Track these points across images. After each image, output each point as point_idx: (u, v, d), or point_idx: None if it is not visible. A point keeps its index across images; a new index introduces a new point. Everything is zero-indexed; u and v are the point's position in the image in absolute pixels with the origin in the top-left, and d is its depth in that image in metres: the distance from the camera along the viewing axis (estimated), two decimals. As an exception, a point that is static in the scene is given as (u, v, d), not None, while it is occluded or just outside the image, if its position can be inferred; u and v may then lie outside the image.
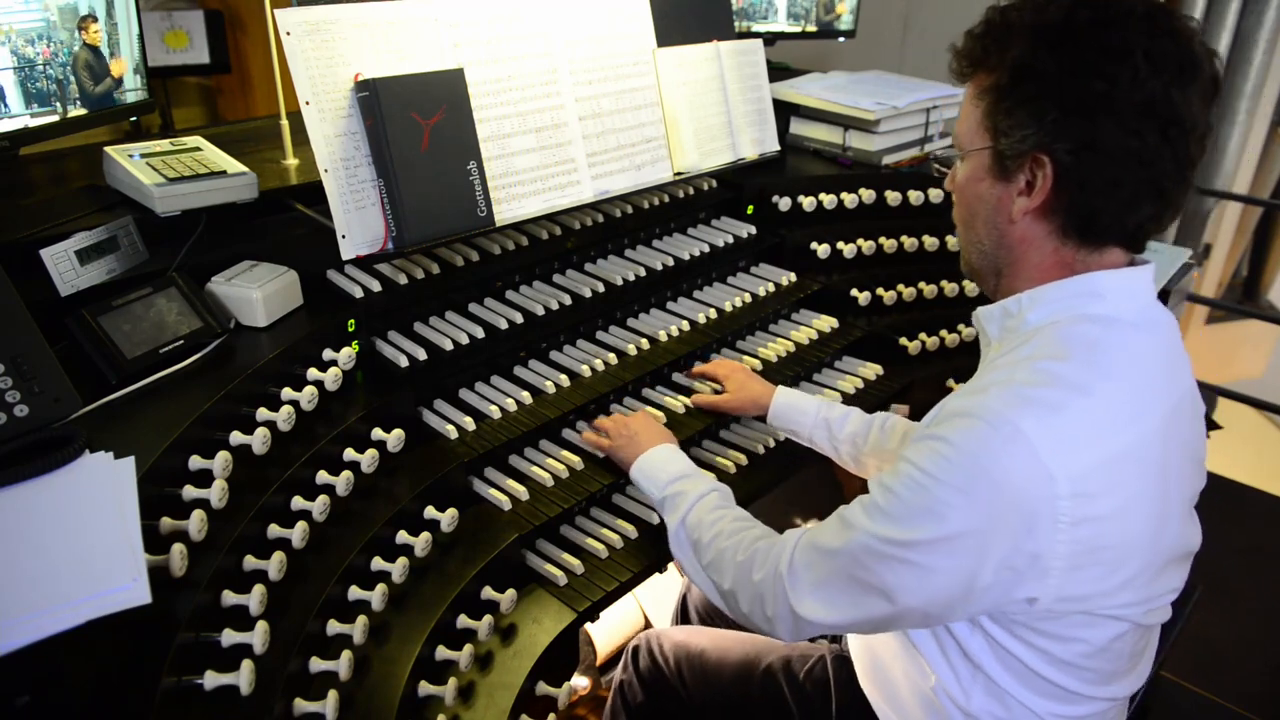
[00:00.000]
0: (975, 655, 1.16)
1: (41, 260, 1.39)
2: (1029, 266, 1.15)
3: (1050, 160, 1.07)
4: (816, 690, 1.46)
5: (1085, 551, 1.02)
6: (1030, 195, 1.10)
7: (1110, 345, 1.07)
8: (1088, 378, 1.03)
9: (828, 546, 1.13)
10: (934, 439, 1.04)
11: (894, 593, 1.07)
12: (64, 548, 0.98)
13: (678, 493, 1.41)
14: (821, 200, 2.25)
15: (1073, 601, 1.06)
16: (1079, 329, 1.08)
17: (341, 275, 1.65)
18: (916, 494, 1.03)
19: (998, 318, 1.18)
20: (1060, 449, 0.99)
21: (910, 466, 1.05)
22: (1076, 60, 1.04)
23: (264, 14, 1.74)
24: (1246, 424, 4.20)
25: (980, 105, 1.13)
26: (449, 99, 1.61)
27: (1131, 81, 1.01)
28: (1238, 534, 3.03)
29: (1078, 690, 1.15)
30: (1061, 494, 0.99)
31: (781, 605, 1.17)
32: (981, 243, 1.19)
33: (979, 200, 1.17)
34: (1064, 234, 1.11)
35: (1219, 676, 2.38)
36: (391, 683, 1.23)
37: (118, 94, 1.90)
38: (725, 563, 1.28)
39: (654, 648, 1.65)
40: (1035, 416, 1.00)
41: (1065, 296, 1.11)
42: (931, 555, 1.03)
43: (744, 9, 3.11)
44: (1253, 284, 4.62)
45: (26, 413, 1.15)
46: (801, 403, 1.68)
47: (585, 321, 1.88)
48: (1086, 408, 1.02)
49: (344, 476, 1.38)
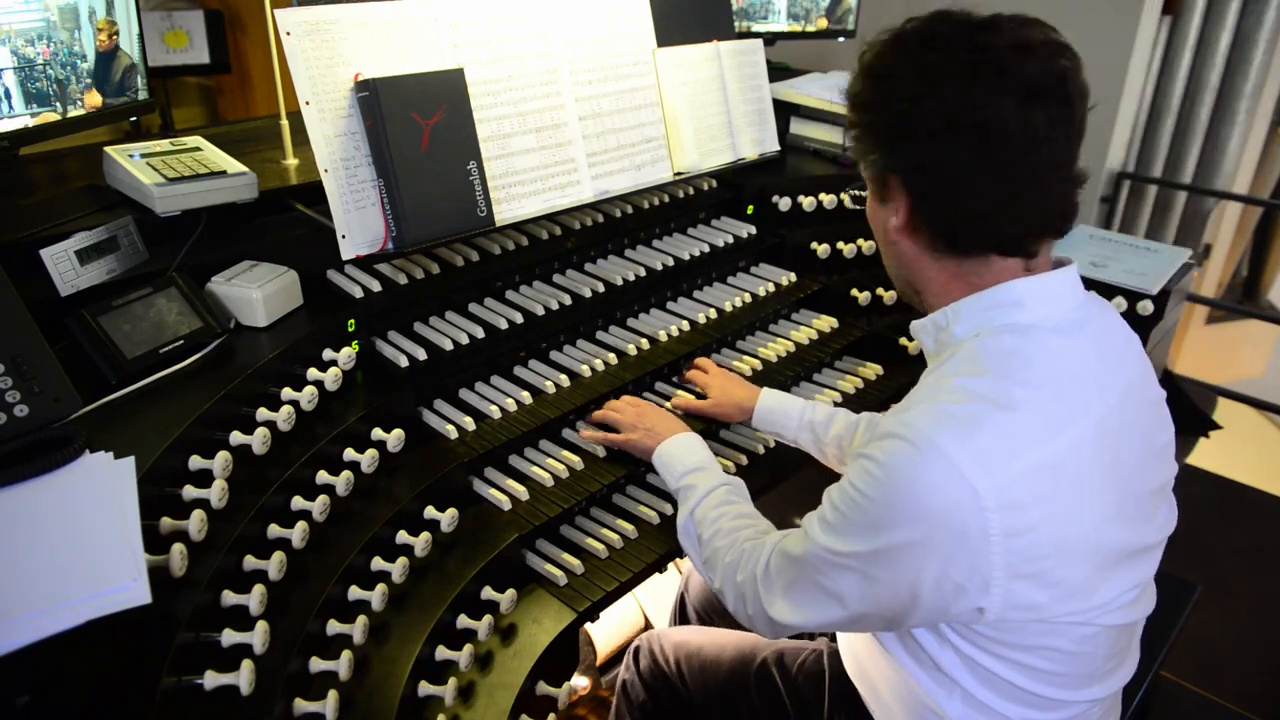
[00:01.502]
0: (948, 669, 1.17)
1: (41, 260, 1.39)
2: (931, 283, 1.18)
3: (897, 180, 1.11)
4: (809, 682, 1.48)
5: (1023, 561, 1.02)
6: (898, 214, 1.14)
7: (1028, 354, 1.07)
8: (1006, 390, 1.04)
9: (792, 554, 1.17)
10: (865, 458, 1.06)
11: (845, 598, 1.10)
12: (64, 548, 0.98)
13: (689, 485, 1.45)
14: (821, 200, 2.25)
15: (1024, 610, 1.06)
16: (997, 341, 1.09)
17: (341, 275, 1.65)
18: (853, 510, 1.06)
19: (930, 330, 1.20)
20: (982, 464, 0.99)
21: (849, 484, 1.08)
22: (888, 88, 1.08)
23: (264, 14, 1.74)
24: (1246, 424, 4.20)
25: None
26: (449, 99, 1.61)
27: (931, 100, 1.04)
28: (1238, 534, 3.03)
29: (1055, 696, 1.15)
30: (988, 507, 0.99)
31: (757, 606, 1.22)
32: (890, 262, 1.23)
33: (874, 222, 1.21)
34: (935, 249, 1.14)
35: (1219, 676, 2.38)
36: (391, 683, 1.23)
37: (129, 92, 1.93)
38: (717, 562, 1.32)
39: (654, 648, 1.67)
40: (954, 434, 1.01)
41: (985, 308, 1.12)
42: (873, 565, 1.06)
43: (744, 9, 3.11)
44: (1253, 284, 4.62)
45: (26, 413, 1.15)
46: (786, 405, 1.68)
47: (585, 321, 1.88)
48: (1005, 421, 1.02)
49: (344, 476, 1.38)
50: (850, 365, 2.06)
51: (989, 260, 1.13)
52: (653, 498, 1.61)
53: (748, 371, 1.90)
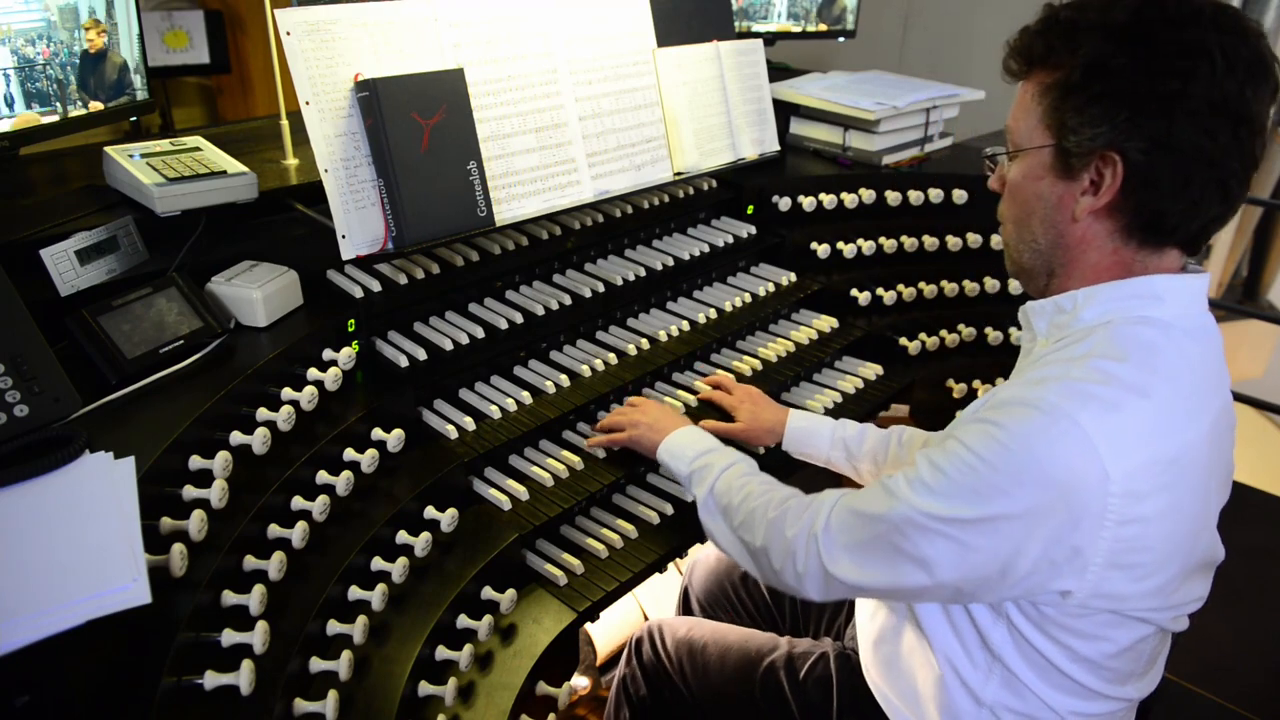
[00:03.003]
0: (996, 646, 1.16)
1: (41, 260, 1.39)
2: (1085, 266, 1.14)
3: (1120, 159, 1.06)
4: (818, 689, 1.46)
5: (1126, 551, 1.02)
6: (1096, 194, 1.09)
7: (1167, 350, 1.07)
8: (1146, 380, 1.03)
9: (869, 512, 1.13)
10: (988, 423, 1.04)
11: (931, 565, 1.07)
12: (64, 548, 0.98)
13: (705, 465, 1.44)
14: (821, 200, 2.25)
15: (1105, 599, 1.06)
16: (1136, 331, 1.08)
17: (341, 275, 1.65)
18: (965, 474, 1.04)
19: (1049, 313, 1.18)
20: (1116, 446, 0.99)
21: (961, 447, 1.05)
22: (1151, 58, 1.03)
23: (264, 14, 1.74)
24: (1246, 424, 4.20)
25: (1043, 103, 1.11)
26: (449, 99, 1.61)
27: (1208, 79, 1.01)
28: (1238, 534, 3.01)
29: (1095, 688, 1.15)
30: (1114, 491, 0.99)
31: (814, 562, 1.18)
32: (1037, 241, 1.17)
33: (1037, 198, 1.15)
34: (1127, 234, 1.11)
35: (1220, 677, 2.38)
36: (391, 683, 1.23)
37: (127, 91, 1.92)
38: (756, 521, 1.29)
39: (656, 640, 1.65)
40: (1093, 412, 1.00)
41: (1122, 297, 1.11)
42: (973, 534, 1.04)
43: (744, 9, 3.11)
44: (1253, 284, 4.62)
45: (26, 413, 1.15)
46: (816, 425, 1.66)
47: (585, 321, 1.88)
48: (1143, 409, 1.02)
49: (344, 476, 1.38)
50: (850, 365, 2.06)
51: (1164, 254, 1.12)
52: (653, 498, 1.61)
53: (748, 372, 1.90)
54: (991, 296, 2.22)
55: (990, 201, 1.27)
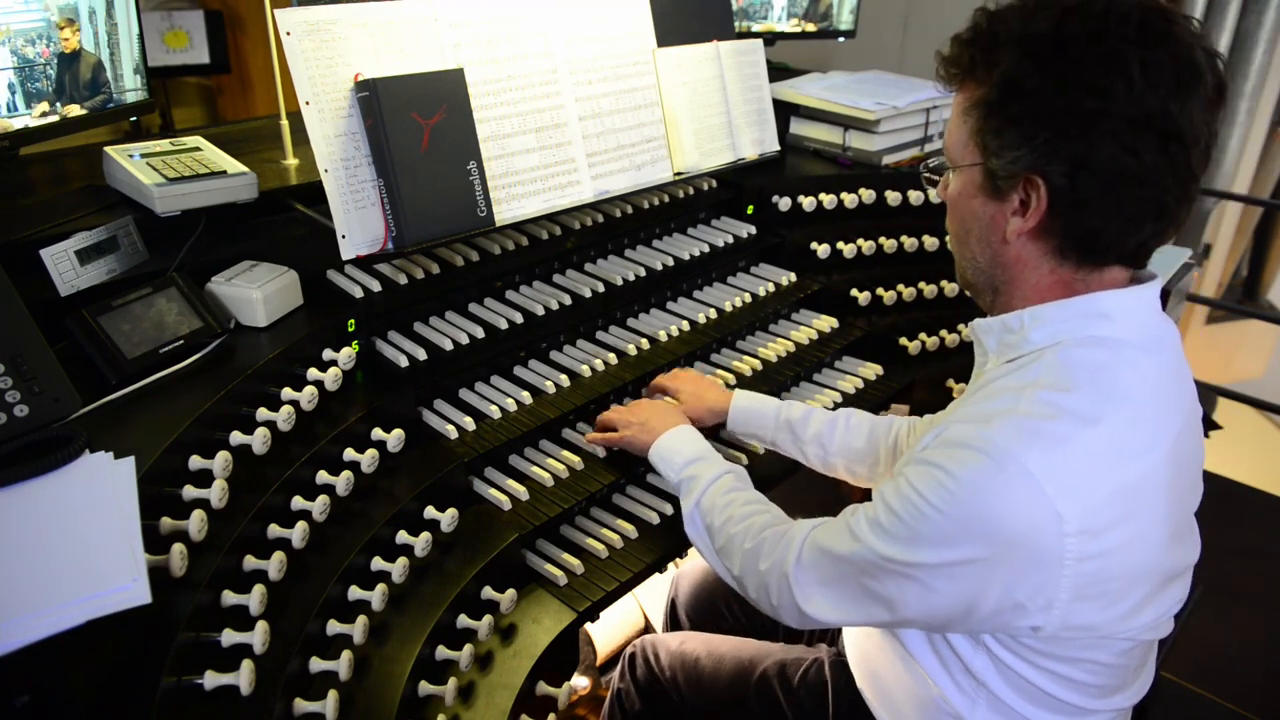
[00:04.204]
0: (979, 673, 1.15)
1: (41, 260, 1.39)
2: (1026, 285, 1.11)
3: (1044, 181, 1.02)
4: (811, 695, 1.45)
5: (1090, 584, 1.01)
6: (1024, 216, 1.05)
7: (1117, 370, 1.03)
8: (1094, 407, 1.00)
9: (835, 552, 1.12)
10: (936, 467, 1.01)
11: (896, 604, 1.07)
12: (64, 548, 0.98)
13: (692, 476, 1.42)
14: (821, 200, 2.25)
15: (1078, 630, 1.05)
16: (1084, 354, 1.04)
17: (341, 275, 1.65)
18: (918, 521, 1.02)
19: (997, 331, 1.14)
20: (1067, 486, 0.96)
21: (912, 491, 1.03)
22: (1067, 75, 0.98)
23: (264, 14, 1.74)
24: (1246, 424, 4.20)
25: (969, 121, 1.08)
26: (449, 99, 1.61)
27: (1126, 96, 0.96)
28: (1238, 534, 3.03)
29: (1084, 705, 1.15)
30: (1069, 532, 0.97)
31: (786, 598, 1.18)
32: (976, 259, 1.14)
33: (972, 216, 1.12)
34: (1061, 255, 1.07)
35: (1218, 677, 2.38)
36: (391, 683, 1.23)
37: (118, 94, 1.90)
38: (734, 549, 1.28)
39: (649, 655, 1.63)
40: (1041, 451, 0.97)
41: (1069, 317, 1.07)
42: (933, 577, 1.03)
43: (744, 9, 3.11)
44: (1253, 284, 4.62)
45: (26, 413, 1.15)
46: (760, 405, 1.64)
47: (585, 321, 1.88)
48: (1093, 439, 0.99)
49: (344, 476, 1.38)
50: (850, 365, 2.06)
51: (1105, 271, 1.08)
52: (653, 498, 1.61)
53: (748, 372, 1.90)
54: (991, 296, 2.22)
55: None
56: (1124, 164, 0.98)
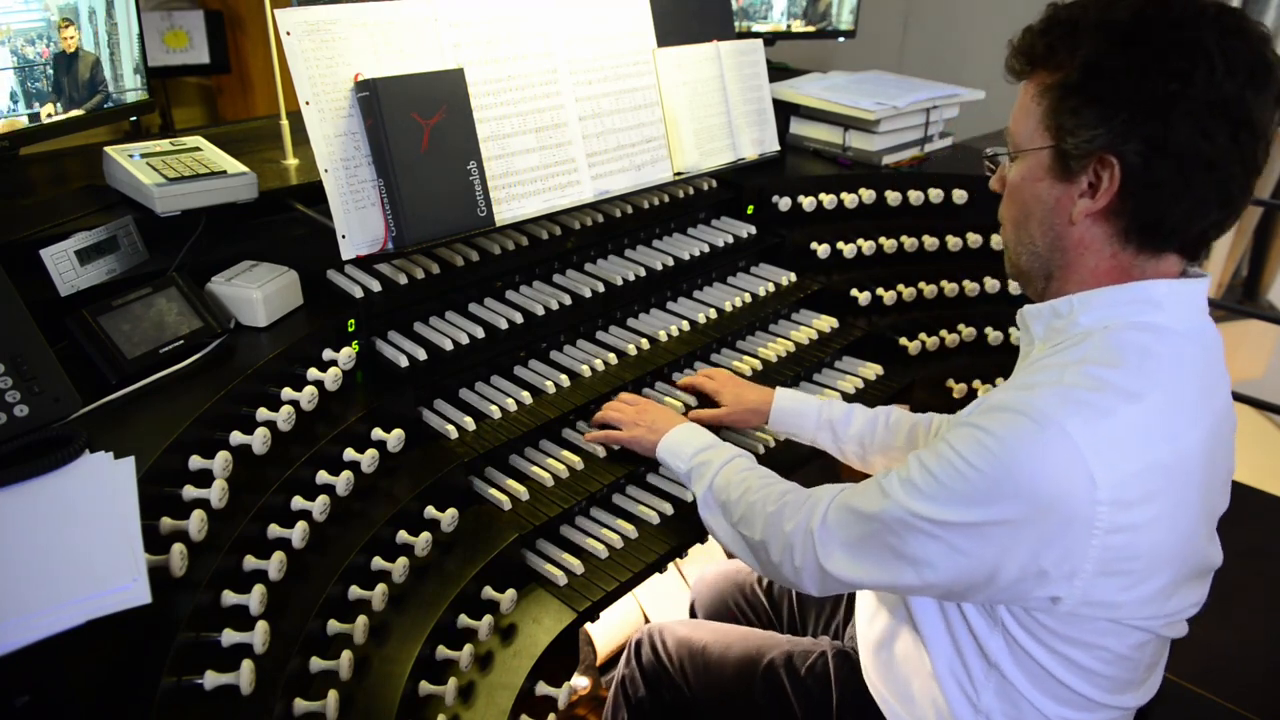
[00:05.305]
0: (993, 655, 1.16)
1: (41, 260, 1.39)
2: (1083, 270, 1.13)
3: (1118, 161, 1.04)
4: (818, 685, 1.46)
5: (1115, 559, 1.02)
6: (1094, 197, 1.08)
7: (1162, 354, 1.05)
8: (1139, 385, 1.02)
9: (863, 510, 1.14)
10: (977, 428, 1.04)
11: (922, 565, 1.08)
12: (64, 548, 0.98)
13: (704, 461, 1.44)
14: (821, 200, 2.25)
15: (1097, 607, 1.06)
16: (1131, 336, 1.07)
17: (341, 275, 1.64)
18: (954, 479, 1.04)
19: (1045, 317, 1.16)
20: (1105, 454, 0.98)
21: (951, 451, 1.05)
22: (1149, 59, 1.01)
23: (264, 14, 1.74)
24: (1246, 424, 4.20)
25: (1042, 104, 1.10)
26: (449, 99, 1.61)
27: (1206, 81, 0.99)
28: (1238, 534, 3.01)
29: (1093, 697, 1.15)
30: (1101, 499, 0.98)
31: (809, 558, 1.19)
32: (1034, 244, 1.16)
33: (1035, 200, 1.14)
34: (1125, 238, 1.09)
35: (1219, 677, 2.38)
36: (391, 683, 1.23)
37: (116, 94, 1.90)
38: (755, 515, 1.29)
39: (656, 642, 1.65)
40: (1083, 419, 0.99)
41: (1120, 302, 1.09)
42: (961, 538, 1.04)
43: (744, 9, 3.11)
44: (1253, 284, 4.62)
45: (26, 413, 1.15)
46: (802, 405, 1.67)
47: (585, 321, 1.88)
48: (1135, 415, 1.01)
49: (344, 476, 1.38)
50: (850, 365, 2.06)
51: (1162, 259, 1.10)
52: (653, 498, 1.61)
53: (748, 372, 1.90)
54: (991, 296, 2.22)
55: (990, 201, 1.27)
56: (1198, 147, 1.01)
